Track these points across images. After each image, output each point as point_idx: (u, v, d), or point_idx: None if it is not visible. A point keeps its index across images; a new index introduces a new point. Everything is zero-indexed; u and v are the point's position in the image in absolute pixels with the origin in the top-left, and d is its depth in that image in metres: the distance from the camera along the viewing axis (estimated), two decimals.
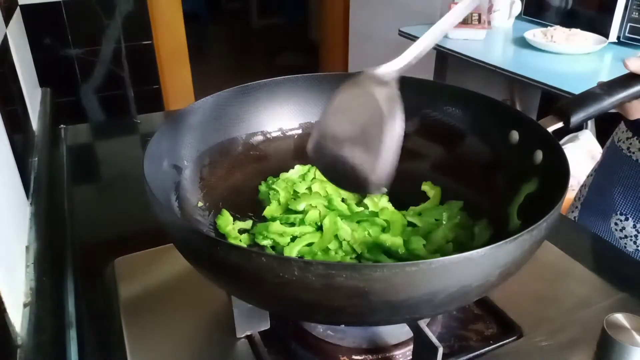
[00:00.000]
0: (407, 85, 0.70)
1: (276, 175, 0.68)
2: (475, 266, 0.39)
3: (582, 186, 0.96)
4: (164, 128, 0.58)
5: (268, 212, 0.64)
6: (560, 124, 0.56)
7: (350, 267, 0.37)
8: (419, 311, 0.43)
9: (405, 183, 0.68)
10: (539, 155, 0.56)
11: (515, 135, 0.61)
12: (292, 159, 0.70)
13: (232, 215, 0.62)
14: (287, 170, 0.69)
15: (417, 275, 0.37)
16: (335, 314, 0.42)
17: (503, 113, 0.63)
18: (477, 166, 0.65)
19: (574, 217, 0.94)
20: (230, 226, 0.60)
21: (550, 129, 0.56)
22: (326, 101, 0.71)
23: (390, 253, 0.57)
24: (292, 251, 0.57)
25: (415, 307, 0.41)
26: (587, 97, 0.57)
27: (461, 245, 0.58)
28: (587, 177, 0.95)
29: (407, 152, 0.70)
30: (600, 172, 0.91)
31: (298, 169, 0.69)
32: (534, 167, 0.56)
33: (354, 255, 0.58)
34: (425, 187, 0.67)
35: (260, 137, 0.70)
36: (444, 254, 0.56)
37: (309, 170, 0.68)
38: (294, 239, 0.59)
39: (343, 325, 0.52)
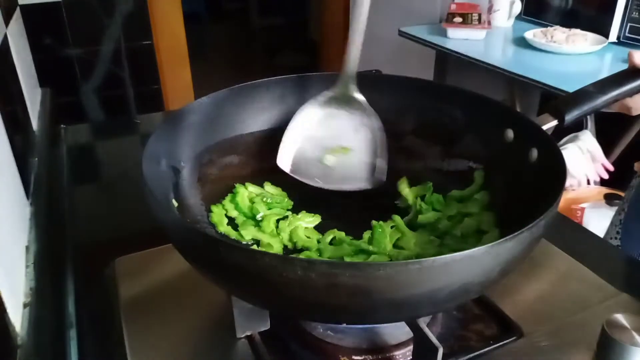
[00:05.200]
0: (400, 84, 0.71)
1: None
2: (476, 263, 0.39)
3: (630, 186, 0.93)
4: (162, 128, 0.58)
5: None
6: (555, 122, 0.57)
7: (353, 266, 0.37)
8: (421, 308, 0.43)
9: (393, 183, 0.68)
10: (534, 153, 0.56)
11: (510, 134, 0.61)
12: None
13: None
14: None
15: (420, 273, 0.37)
16: (337, 312, 0.42)
17: (498, 111, 0.63)
18: (472, 164, 0.65)
19: (620, 220, 0.91)
20: (225, 226, 0.61)
21: (545, 127, 0.56)
22: None
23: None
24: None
25: (417, 305, 0.41)
26: (581, 95, 0.58)
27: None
28: (635, 178, 0.92)
29: (403, 152, 0.71)
30: None
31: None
32: (529, 165, 0.57)
33: None
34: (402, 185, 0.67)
35: (259, 137, 0.69)
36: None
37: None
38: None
39: (344, 325, 0.53)
